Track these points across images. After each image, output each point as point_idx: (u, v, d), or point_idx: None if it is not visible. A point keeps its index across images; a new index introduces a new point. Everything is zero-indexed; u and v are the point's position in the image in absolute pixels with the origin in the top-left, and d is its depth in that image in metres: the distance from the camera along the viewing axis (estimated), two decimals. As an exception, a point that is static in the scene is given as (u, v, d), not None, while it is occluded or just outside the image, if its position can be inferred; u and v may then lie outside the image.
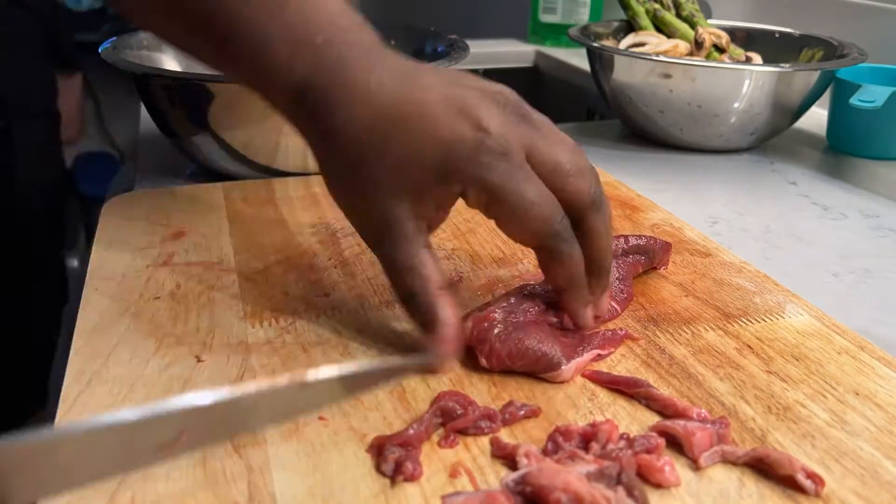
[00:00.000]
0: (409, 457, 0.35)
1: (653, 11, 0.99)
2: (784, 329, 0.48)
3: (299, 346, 0.45)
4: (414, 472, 0.34)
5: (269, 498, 0.34)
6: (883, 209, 0.73)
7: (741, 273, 0.55)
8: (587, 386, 0.42)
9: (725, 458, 0.36)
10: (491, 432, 0.38)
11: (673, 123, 0.86)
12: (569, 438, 0.36)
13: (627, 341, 0.46)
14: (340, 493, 0.34)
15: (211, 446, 0.35)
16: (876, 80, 0.87)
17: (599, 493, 0.32)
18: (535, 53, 1.39)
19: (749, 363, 0.44)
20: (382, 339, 0.46)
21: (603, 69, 0.90)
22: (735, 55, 0.94)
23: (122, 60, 0.68)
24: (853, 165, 0.85)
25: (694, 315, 0.49)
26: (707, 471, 0.36)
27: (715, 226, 0.68)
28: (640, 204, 0.67)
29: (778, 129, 0.87)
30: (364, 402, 0.40)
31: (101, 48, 0.71)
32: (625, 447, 0.36)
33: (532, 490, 0.32)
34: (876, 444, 0.38)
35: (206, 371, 0.42)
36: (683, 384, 0.42)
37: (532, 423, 0.39)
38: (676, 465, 0.36)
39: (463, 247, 0.58)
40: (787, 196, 0.76)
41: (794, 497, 0.35)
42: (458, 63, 0.75)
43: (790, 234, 0.67)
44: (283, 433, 0.38)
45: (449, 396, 0.39)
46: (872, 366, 0.44)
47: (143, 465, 0.30)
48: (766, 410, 0.40)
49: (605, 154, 0.87)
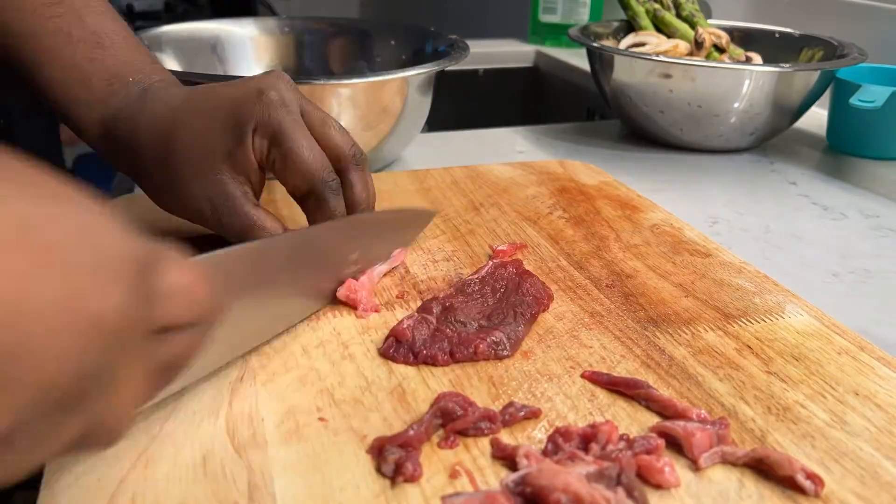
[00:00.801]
0: (408, 457, 0.35)
1: (653, 11, 0.99)
2: (784, 329, 0.48)
3: (299, 346, 0.45)
4: (414, 472, 0.35)
5: (269, 498, 0.34)
6: (883, 209, 0.73)
7: (741, 273, 0.55)
8: (587, 387, 0.42)
9: (725, 459, 0.37)
10: (491, 433, 0.38)
11: (673, 123, 0.86)
12: (569, 439, 0.36)
13: (627, 341, 0.46)
14: (340, 493, 0.34)
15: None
16: (876, 80, 0.87)
17: (599, 494, 0.32)
18: (535, 53, 1.39)
19: (749, 364, 0.44)
20: (382, 339, 0.46)
21: (603, 69, 0.90)
22: (735, 55, 0.94)
23: None
24: (853, 165, 0.85)
25: (694, 316, 0.49)
26: (707, 471, 0.36)
27: (715, 226, 0.68)
28: (640, 204, 0.67)
29: (778, 129, 0.87)
30: (364, 403, 0.40)
31: None
32: (624, 448, 0.36)
33: (532, 491, 0.32)
34: (876, 444, 0.38)
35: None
36: (683, 385, 0.42)
37: (532, 423, 0.39)
38: (676, 465, 0.36)
39: (462, 248, 0.58)
40: (787, 196, 0.76)
41: (794, 497, 0.35)
42: (458, 62, 0.76)
43: (790, 234, 0.67)
44: (284, 434, 0.38)
45: (449, 397, 0.39)
46: (872, 366, 0.44)
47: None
48: (766, 411, 0.40)
49: (605, 154, 0.87)
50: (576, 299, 0.51)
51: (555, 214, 0.64)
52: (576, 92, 1.27)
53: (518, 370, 0.43)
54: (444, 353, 0.43)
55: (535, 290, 0.49)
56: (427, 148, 0.86)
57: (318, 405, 0.40)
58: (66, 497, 0.33)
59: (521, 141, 0.91)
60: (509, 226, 0.62)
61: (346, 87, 0.68)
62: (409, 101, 0.73)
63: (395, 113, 0.72)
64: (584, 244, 0.59)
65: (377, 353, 0.44)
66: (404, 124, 0.75)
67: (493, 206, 0.66)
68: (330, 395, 0.41)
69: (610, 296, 0.51)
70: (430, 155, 0.84)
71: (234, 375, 0.42)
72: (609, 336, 0.47)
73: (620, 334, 0.47)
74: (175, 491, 0.34)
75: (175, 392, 0.39)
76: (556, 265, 0.56)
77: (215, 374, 0.42)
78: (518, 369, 0.43)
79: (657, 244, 0.59)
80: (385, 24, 0.93)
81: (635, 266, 0.56)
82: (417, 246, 0.58)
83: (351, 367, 0.43)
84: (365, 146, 0.72)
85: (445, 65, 0.74)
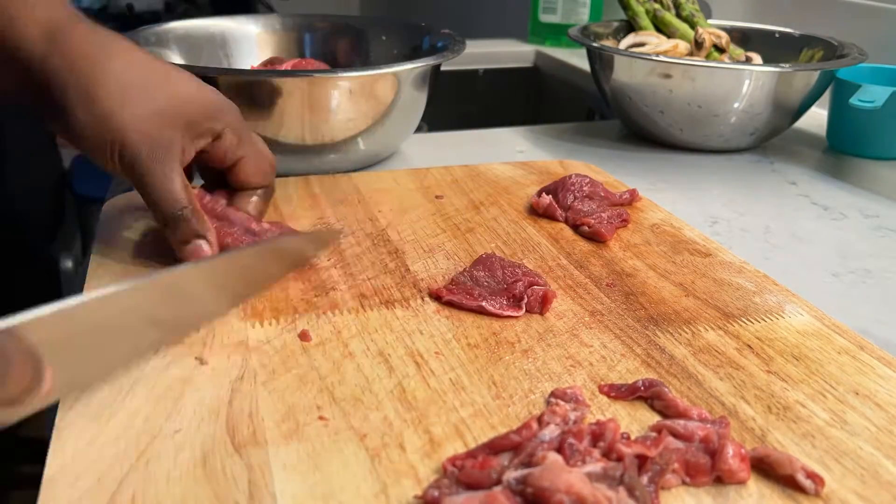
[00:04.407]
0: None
1: (653, 11, 0.99)
2: (784, 329, 0.48)
3: (299, 346, 0.45)
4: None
5: (269, 497, 0.34)
6: (883, 209, 0.73)
7: (741, 273, 0.55)
8: (587, 386, 0.42)
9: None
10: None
11: (673, 123, 0.86)
12: (580, 438, 0.36)
13: (627, 340, 0.46)
14: (340, 492, 0.34)
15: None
16: (876, 80, 0.87)
17: (602, 494, 0.32)
18: (535, 53, 1.39)
19: (749, 363, 0.44)
20: (383, 338, 0.46)
21: (603, 69, 0.90)
22: (735, 55, 0.94)
23: None
24: (853, 165, 0.85)
25: (694, 315, 0.49)
26: (707, 471, 0.36)
27: (715, 226, 0.68)
28: (640, 204, 0.67)
29: (778, 129, 0.87)
30: (364, 402, 0.40)
31: None
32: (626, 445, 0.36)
33: (533, 491, 0.32)
34: (876, 443, 0.38)
35: (207, 371, 0.42)
36: (683, 384, 0.42)
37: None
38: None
39: (463, 246, 0.58)
40: (787, 196, 0.76)
41: (794, 497, 0.35)
42: (450, 59, 0.76)
43: (790, 234, 0.67)
44: (284, 433, 0.38)
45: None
46: (872, 366, 0.44)
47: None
48: (766, 410, 0.40)
49: (605, 154, 0.87)
50: (576, 298, 0.51)
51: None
52: (576, 92, 1.27)
53: (518, 369, 0.43)
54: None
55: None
56: (427, 147, 0.86)
57: (318, 404, 0.40)
58: (66, 497, 0.33)
59: (521, 141, 0.91)
60: (509, 225, 0.62)
61: (343, 80, 0.69)
62: (403, 95, 0.73)
63: (389, 107, 0.73)
64: (584, 243, 0.59)
65: (377, 353, 0.44)
66: (399, 119, 0.75)
67: (494, 205, 0.66)
68: (330, 394, 0.41)
69: (610, 295, 0.51)
70: (430, 154, 0.84)
71: (234, 375, 0.42)
72: (609, 335, 0.47)
73: (621, 333, 0.47)
74: (175, 491, 0.34)
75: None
76: (557, 264, 0.56)
77: (215, 374, 0.42)
78: (518, 368, 0.43)
79: (657, 244, 0.59)
80: (382, 22, 0.93)
81: (635, 265, 0.56)
82: (418, 245, 0.58)
83: (351, 365, 0.43)
84: (360, 141, 0.73)
85: (439, 60, 0.74)
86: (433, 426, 0.38)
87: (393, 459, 0.36)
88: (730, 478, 0.35)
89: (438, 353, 0.44)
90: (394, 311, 0.49)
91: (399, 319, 0.48)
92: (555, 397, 0.40)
